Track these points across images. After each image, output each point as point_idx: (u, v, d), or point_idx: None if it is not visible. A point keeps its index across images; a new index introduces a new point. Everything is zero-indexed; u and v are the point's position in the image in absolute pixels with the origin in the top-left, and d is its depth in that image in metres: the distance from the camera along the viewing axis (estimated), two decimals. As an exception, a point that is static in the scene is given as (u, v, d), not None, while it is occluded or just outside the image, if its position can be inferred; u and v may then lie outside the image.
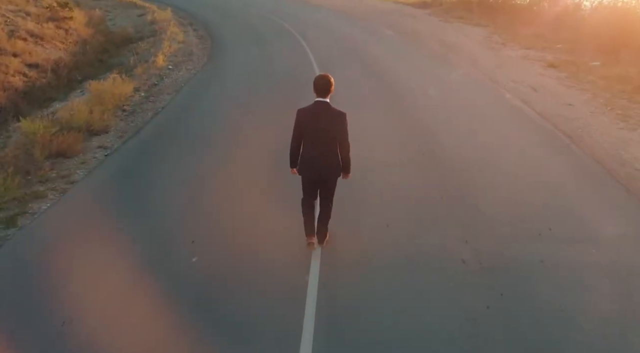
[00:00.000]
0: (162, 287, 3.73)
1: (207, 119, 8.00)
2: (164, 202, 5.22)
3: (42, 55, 12.96)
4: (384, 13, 19.87)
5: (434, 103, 8.14)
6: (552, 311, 3.35)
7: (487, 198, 4.92)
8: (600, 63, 10.73)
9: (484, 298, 3.48)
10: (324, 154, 3.97)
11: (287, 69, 11.30)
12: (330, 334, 3.21)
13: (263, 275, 3.82)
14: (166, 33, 16.11)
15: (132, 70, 12.51)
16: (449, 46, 12.88)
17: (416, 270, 3.85)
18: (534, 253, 3.97)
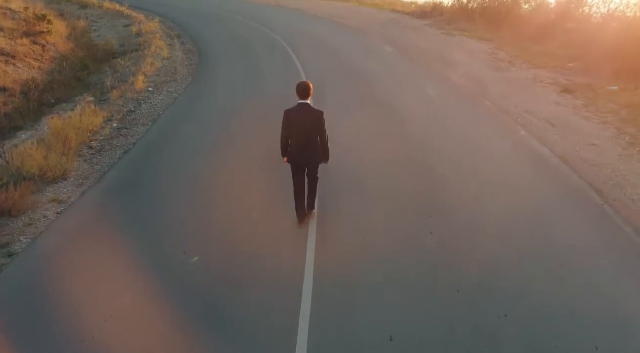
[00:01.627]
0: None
1: (183, 161, 7.02)
2: (121, 286, 4.26)
3: (13, 76, 11.99)
4: (383, 25, 18.95)
5: (436, 138, 7.22)
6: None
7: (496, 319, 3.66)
8: (619, 87, 9.83)
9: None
10: (307, 144, 4.93)
11: (278, 93, 10.35)
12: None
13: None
14: (151, 48, 15.16)
15: (109, 92, 11.61)
16: (453, 66, 11.95)
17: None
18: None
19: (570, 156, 6.40)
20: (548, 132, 7.34)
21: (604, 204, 5.12)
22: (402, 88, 10.14)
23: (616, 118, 8.18)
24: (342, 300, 3.93)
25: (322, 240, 4.74)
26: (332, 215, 5.22)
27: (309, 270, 4.27)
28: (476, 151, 6.66)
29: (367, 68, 12.03)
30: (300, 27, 18.68)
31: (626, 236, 4.56)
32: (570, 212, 5.12)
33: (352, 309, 3.81)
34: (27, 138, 9.54)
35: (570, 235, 4.70)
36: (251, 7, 25.27)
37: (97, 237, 5.11)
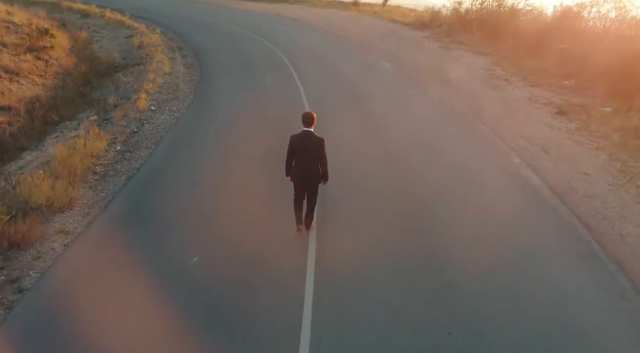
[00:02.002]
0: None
1: (186, 189, 7.19)
2: (128, 325, 4.45)
3: (17, 94, 12.20)
4: (381, 37, 19.15)
5: (430, 165, 7.41)
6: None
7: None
8: (613, 108, 10.03)
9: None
10: (309, 167, 5.58)
11: (279, 117, 10.54)
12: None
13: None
14: (152, 63, 15.35)
15: (111, 110, 11.79)
16: (449, 84, 12.16)
17: None
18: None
19: (561, 186, 6.59)
20: (541, 159, 7.53)
21: (592, 240, 5.31)
22: (399, 110, 10.31)
23: (608, 142, 8.38)
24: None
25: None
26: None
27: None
28: (469, 181, 6.83)
29: (366, 88, 12.21)
30: (301, 40, 18.89)
31: (610, 275, 4.74)
32: (557, 249, 5.27)
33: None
34: (32, 159, 9.77)
35: (555, 277, 4.82)
36: (251, 17, 25.51)
37: (103, 270, 5.29)
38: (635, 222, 5.75)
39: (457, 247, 5.29)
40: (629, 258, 4.96)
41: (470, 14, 20.48)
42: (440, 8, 27.58)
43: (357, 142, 8.46)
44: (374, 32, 20.61)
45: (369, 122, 9.72)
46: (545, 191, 6.44)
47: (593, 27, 14.84)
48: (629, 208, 6.09)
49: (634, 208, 6.12)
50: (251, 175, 7.62)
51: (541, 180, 6.73)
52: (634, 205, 6.21)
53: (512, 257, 5.06)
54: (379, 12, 29.00)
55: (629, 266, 4.84)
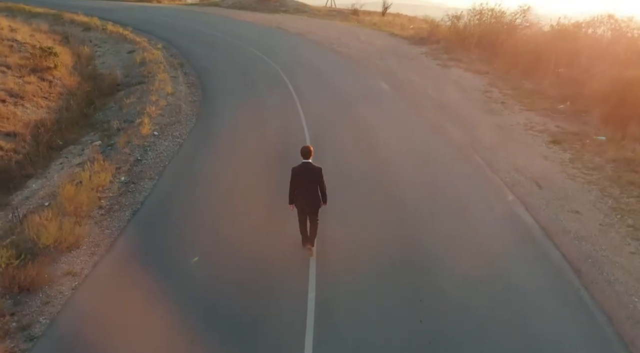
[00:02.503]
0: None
1: (188, 226, 7.38)
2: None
3: (22, 118, 12.41)
4: (380, 54, 19.35)
5: (424, 200, 7.63)
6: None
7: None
8: (607, 137, 10.24)
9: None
10: (309, 194, 6.35)
11: (280, 138, 10.82)
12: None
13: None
14: (154, 82, 15.56)
15: (115, 135, 12.00)
16: (446, 108, 12.38)
17: None
18: None
19: (553, 227, 6.78)
20: (534, 196, 7.73)
21: (581, 288, 5.51)
22: (397, 138, 10.48)
23: (601, 175, 8.59)
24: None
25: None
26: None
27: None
28: (462, 219, 7.03)
29: (365, 113, 12.38)
30: (301, 57, 19.10)
31: (598, 328, 4.94)
32: (548, 299, 5.43)
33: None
34: (38, 188, 10.00)
35: (544, 329, 4.97)
36: (252, 30, 25.70)
37: (111, 315, 5.50)
38: (623, 267, 5.95)
39: (447, 291, 5.51)
40: (617, 309, 5.16)
41: (468, 28, 20.70)
42: (439, 22, 27.88)
43: (353, 171, 8.73)
44: (373, 48, 20.81)
45: (368, 151, 9.94)
46: (538, 233, 6.64)
47: (589, 47, 15.03)
48: (618, 251, 6.28)
49: (623, 250, 6.32)
50: (253, 209, 7.83)
51: (534, 221, 6.93)
52: (623, 246, 6.41)
53: (501, 311, 5.24)
54: (378, 24, 29.20)
55: (616, 317, 5.04)
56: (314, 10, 35.83)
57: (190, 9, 35.78)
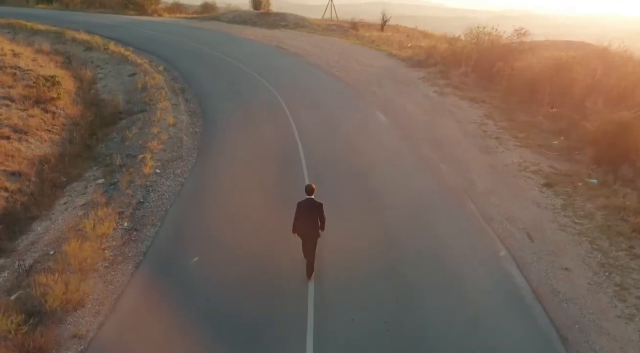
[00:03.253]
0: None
1: (192, 282, 7.59)
2: None
3: (27, 154, 12.64)
4: (378, 79, 19.60)
5: (417, 256, 7.88)
6: None
7: None
8: (598, 180, 10.48)
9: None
10: (310, 225, 7.47)
11: (279, 175, 11.10)
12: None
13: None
14: (156, 112, 15.79)
15: (118, 171, 12.23)
16: (442, 145, 12.63)
17: None
18: None
19: (543, 287, 7.01)
20: (526, 250, 7.97)
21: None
22: (393, 179, 10.73)
23: (592, 225, 8.82)
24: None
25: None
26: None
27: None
28: (453, 283, 7.22)
29: (363, 148, 12.65)
30: (300, 82, 19.29)
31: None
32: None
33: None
34: (43, 232, 10.21)
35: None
36: (252, 50, 25.88)
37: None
38: (609, 333, 6.18)
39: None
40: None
41: (465, 51, 20.93)
42: (436, 42, 28.19)
43: (347, 214, 9.04)
44: (372, 71, 21.05)
45: (363, 191, 10.22)
46: (528, 295, 6.86)
47: (583, 79, 15.26)
48: (604, 315, 6.51)
49: (610, 314, 6.55)
50: (256, 263, 8.05)
51: (525, 281, 7.14)
52: (610, 309, 6.64)
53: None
54: (377, 42, 29.45)
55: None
56: (314, 24, 36.09)
57: (190, 23, 35.98)
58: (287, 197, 9.12)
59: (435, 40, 37.23)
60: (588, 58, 15.64)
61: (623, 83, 14.55)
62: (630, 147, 10.98)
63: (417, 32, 42.77)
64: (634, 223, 8.73)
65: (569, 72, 15.78)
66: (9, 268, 8.83)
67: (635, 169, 10.62)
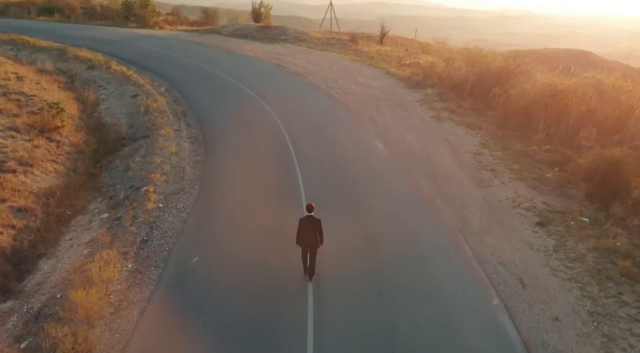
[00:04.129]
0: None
1: (197, 329, 7.88)
2: None
3: (32, 187, 12.91)
4: (376, 102, 19.89)
5: (411, 300, 8.15)
6: None
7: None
8: (590, 218, 10.76)
9: None
10: (310, 238, 8.75)
11: (279, 209, 11.40)
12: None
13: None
14: (158, 140, 16.07)
15: (121, 205, 12.52)
16: (438, 177, 12.92)
17: None
18: None
19: (534, 339, 7.28)
20: (518, 297, 8.24)
21: None
22: (388, 217, 11.01)
23: (582, 269, 9.10)
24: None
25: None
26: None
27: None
28: (446, 329, 7.50)
29: (360, 179, 12.94)
30: (300, 105, 19.52)
31: None
32: None
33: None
34: (49, 271, 10.47)
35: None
36: (253, 69, 26.13)
37: None
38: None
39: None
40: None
41: (461, 72, 21.22)
42: (435, 58, 28.53)
43: (344, 252, 9.37)
44: (370, 93, 21.33)
45: (359, 228, 10.52)
46: (520, 348, 7.13)
47: (577, 107, 15.55)
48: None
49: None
50: (260, 305, 8.33)
51: (517, 332, 7.41)
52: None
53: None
54: (375, 58, 29.75)
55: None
56: (313, 39, 36.40)
57: (191, 38, 36.25)
58: (288, 235, 9.43)
59: (434, 52, 37.74)
60: (583, 86, 15.93)
61: (617, 112, 14.86)
62: (621, 184, 11.28)
63: (416, 44, 43.22)
64: (622, 267, 9.02)
65: (563, 100, 16.10)
66: (17, 311, 9.13)
67: (626, 207, 10.91)
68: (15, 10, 45.19)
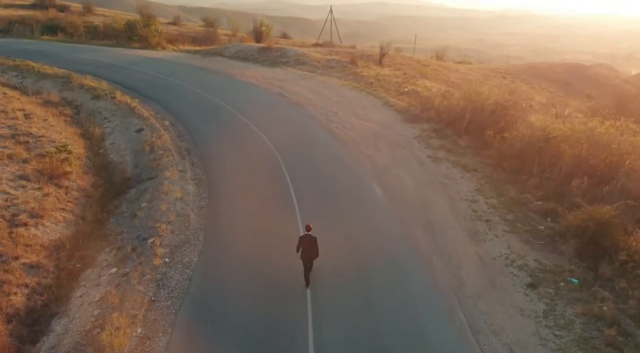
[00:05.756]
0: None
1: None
2: None
3: (43, 239, 13.38)
4: (374, 139, 20.44)
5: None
6: None
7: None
8: (579, 280, 11.23)
9: None
10: (309, 252, 10.93)
11: (280, 260, 11.92)
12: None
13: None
14: (163, 183, 16.56)
15: (129, 257, 12.99)
16: (435, 229, 13.41)
17: None
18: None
19: None
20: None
21: None
22: (388, 279, 11.39)
23: (570, 337, 9.58)
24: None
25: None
26: None
27: None
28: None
29: (357, 233, 13.41)
30: (302, 146, 19.78)
31: None
32: None
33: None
34: (62, 332, 10.92)
35: None
36: (255, 98, 26.69)
37: None
38: None
39: None
40: None
41: (458, 108, 21.73)
42: (432, 82, 29.10)
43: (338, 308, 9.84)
44: (369, 128, 21.82)
45: (358, 288, 11.00)
46: None
47: (570, 153, 16.04)
48: None
49: None
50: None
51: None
52: None
53: None
54: (375, 84, 30.31)
55: None
56: (314, 61, 36.95)
57: (194, 61, 36.68)
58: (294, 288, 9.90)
59: (432, 73, 38.25)
60: (576, 132, 16.41)
61: (608, 160, 15.35)
62: (609, 244, 11.77)
63: (415, 64, 43.75)
64: (607, 336, 9.50)
65: (556, 145, 16.61)
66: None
67: (614, 268, 11.38)
68: (19, 29, 45.74)
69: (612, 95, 45.75)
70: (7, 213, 13.51)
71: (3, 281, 11.33)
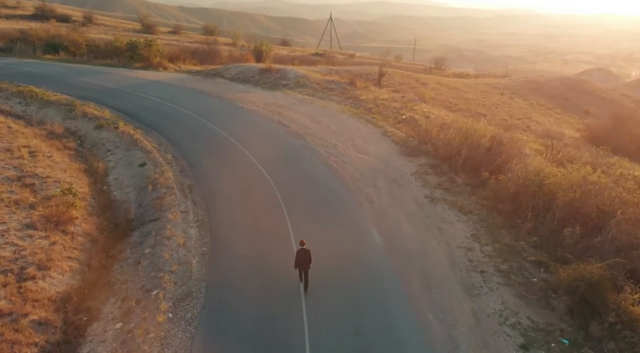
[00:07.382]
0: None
1: None
2: None
3: (50, 293, 13.75)
4: (372, 175, 20.87)
5: None
6: None
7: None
8: (570, 341, 11.62)
9: None
10: (304, 263, 13.32)
11: (280, 314, 12.25)
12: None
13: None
14: (167, 227, 16.96)
15: (133, 313, 13.34)
16: (431, 282, 13.81)
17: None
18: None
19: None
20: None
21: None
22: (385, 340, 11.86)
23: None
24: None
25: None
26: None
27: None
28: None
29: (356, 283, 13.82)
30: (302, 182, 20.27)
31: None
32: None
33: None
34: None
35: None
36: (255, 126, 27.16)
37: None
38: None
39: None
40: None
41: (455, 142, 22.14)
42: (429, 115, 29.55)
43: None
44: (368, 161, 22.28)
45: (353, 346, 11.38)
46: None
47: (563, 199, 16.44)
48: None
49: None
50: None
51: None
52: None
53: None
54: (374, 110, 30.74)
55: None
56: (314, 83, 37.40)
57: (194, 84, 37.00)
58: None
59: (431, 94, 38.67)
60: (569, 179, 16.80)
61: (601, 207, 15.75)
62: (599, 304, 12.15)
63: (413, 83, 44.24)
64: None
65: (550, 190, 17.00)
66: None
67: (603, 328, 11.76)
68: (21, 47, 46.19)
69: (609, 110, 46.29)
70: (15, 267, 13.90)
71: (14, 341, 11.71)
